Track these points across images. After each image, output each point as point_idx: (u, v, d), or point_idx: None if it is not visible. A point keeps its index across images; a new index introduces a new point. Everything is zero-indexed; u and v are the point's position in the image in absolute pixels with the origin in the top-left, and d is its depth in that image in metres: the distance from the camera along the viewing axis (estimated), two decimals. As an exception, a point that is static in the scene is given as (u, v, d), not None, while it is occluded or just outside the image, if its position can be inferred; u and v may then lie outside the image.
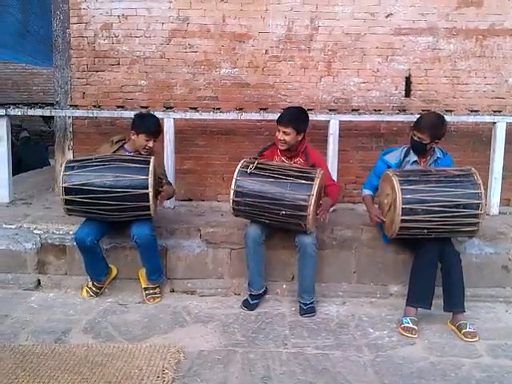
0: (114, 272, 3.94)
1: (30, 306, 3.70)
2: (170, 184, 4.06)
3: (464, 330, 3.31)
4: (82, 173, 3.58)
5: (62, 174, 3.60)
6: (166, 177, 4.07)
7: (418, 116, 3.87)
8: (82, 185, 3.54)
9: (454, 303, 3.43)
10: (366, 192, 3.91)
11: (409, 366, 2.97)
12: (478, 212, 3.39)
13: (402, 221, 3.39)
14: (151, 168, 3.58)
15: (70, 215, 3.76)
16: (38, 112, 4.87)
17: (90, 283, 3.85)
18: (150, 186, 3.55)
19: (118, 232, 3.89)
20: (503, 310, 3.77)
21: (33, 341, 3.18)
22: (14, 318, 3.48)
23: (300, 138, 3.74)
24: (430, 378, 2.85)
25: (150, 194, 3.56)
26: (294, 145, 3.76)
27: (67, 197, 3.59)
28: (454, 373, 2.91)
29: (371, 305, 3.82)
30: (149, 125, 3.83)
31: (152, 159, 3.64)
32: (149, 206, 3.60)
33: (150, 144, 3.80)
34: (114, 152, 3.85)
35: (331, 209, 4.44)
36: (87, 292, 3.84)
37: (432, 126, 3.60)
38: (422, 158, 3.75)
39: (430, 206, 3.37)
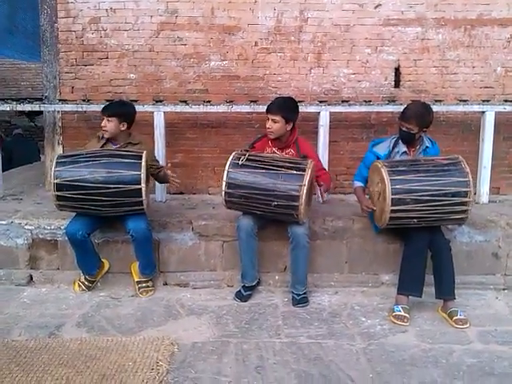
0: (107, 266, 3.93)
1: (22, 302, 3.70)
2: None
3: (455, 317, 3.35)
4: (74, 169, 3.56)
5: (53, 169, 3.58)
6: (159, 162, 4.12)
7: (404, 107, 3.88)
8: (74, 181, 3.52)
9: (445, 291, 3.47)
10: (357, 184, 3.93)
11: (401, 354, 3.00)
12: (467, 200, 3.41)
13: (392, 211, 3.41)
14: (143, 163, 3.57)
15: (61, 210, 3.76)
16: (27, 107, 4.85)
17: (83, 277, 3.85)
18: (142, 181, 3.53)
19: (110, 226, 3.89)
20: (493, 297, 3.82)
21: (26, 336, 3.18)
22: (6, 314, 3.47)
23: (289, 127, 3.75)
24: (421, 365, 2.88)
25: (143, 189, 3.55)
26: (284, 135, 3.77)
27: (59, 193, 3.57)
28: (445, 359, 2.94)
29: (363, 294, 3.85)
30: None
31: (144, 154, 3.63)
32: (142, 202, 3.59)
33: (103, 123, 3.82)
34: (102, 146, 3.85)
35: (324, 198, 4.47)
36: (79, 286, 3.83)
37: (418, 115, 3.62)
38: (412, 148, 3.77)
39: (419, 196, 3.39)
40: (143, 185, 3.54)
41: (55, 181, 3.54)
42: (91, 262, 3.80)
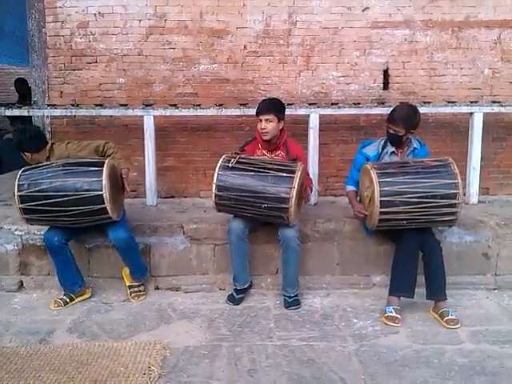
0: (88, 294, 3.79)
1: (13, 308, 3.68)
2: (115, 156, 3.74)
3: (446, 318, 3.36)
4: (36, 193, 3.43)
5: (16, 194, 3.46)
6: (102, 146, 3.75)
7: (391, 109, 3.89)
8: (38, 205, 3.43)
9: (436, 291, 3.48)
10: (350, 188, 3.93)
11: (393, 355, 3.01)
12: (456, 202, 3.42)
13: (381, 213, 3.43)
14: (104, 182, 3.40)
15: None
16: (16, 112, 4.81)
17: (61, 295, 3.71)
18: (106, 200, 3.42)
19: (99, 231, 3.84)
20: (484, 297, 3.84)
21: (17, 342, 3.15)
22: (-4, 321, 3.45)
23: (281, 126, 3.76)
24: (413, 366, 2.89)
25: (108, 208, 3.45)
26: (276, 135, 3.77)
27: (27, 216, 3.52)
28: (436, 359, 2.96)
29: (355, 295, 3.86)
30: None
31: (105, 166, 3.45)
32: (110, 217, 3.52)
33: (29, 160, 3.69)
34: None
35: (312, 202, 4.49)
36: (55, 303, 3.66)
37: (405, 118, 3.64)
38: (400, 149, 3.79)
39: (408, 198, 3.40)
40: (107, 204, 3.42)
41: (20, 206, 3.46)
42: (72, 277, 3.67)
